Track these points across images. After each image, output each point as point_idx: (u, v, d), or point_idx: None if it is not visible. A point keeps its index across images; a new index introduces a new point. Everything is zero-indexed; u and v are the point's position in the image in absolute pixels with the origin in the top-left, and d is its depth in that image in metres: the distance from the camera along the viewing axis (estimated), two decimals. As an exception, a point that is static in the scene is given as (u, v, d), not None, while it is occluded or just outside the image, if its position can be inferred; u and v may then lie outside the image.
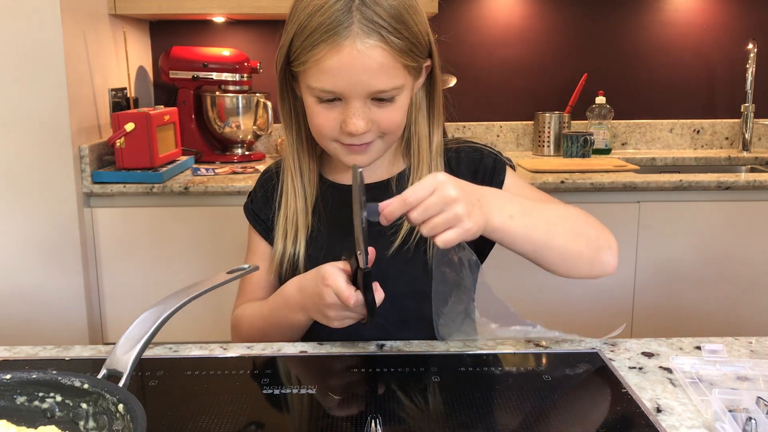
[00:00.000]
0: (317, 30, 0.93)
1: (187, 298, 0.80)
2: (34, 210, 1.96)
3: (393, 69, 0.95)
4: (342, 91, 0.95)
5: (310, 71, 0.97)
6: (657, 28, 2.62)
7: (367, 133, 0.99)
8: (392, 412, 0.80)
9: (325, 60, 0.94)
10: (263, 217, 1.15)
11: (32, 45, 1.89)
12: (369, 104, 0.97)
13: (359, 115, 0.96)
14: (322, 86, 0.96)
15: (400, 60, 0.95)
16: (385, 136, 1.01)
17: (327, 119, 0.99)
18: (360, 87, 0.95)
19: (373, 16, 0.93)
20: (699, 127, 2.68)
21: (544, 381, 0.88)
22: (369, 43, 0.92)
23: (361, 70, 0.93)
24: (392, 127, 1.00)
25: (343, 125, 0.97)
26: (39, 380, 0.69)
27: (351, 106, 0.96)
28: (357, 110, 0.96)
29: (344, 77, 0.94)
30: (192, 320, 2.01)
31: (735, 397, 0.77)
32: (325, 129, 1.00)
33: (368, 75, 0.94)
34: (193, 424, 0.77)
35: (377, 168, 1.11)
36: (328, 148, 1.04)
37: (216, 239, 2.05)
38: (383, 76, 0.94)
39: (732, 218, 2.09)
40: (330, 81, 0.95)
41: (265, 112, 2.42)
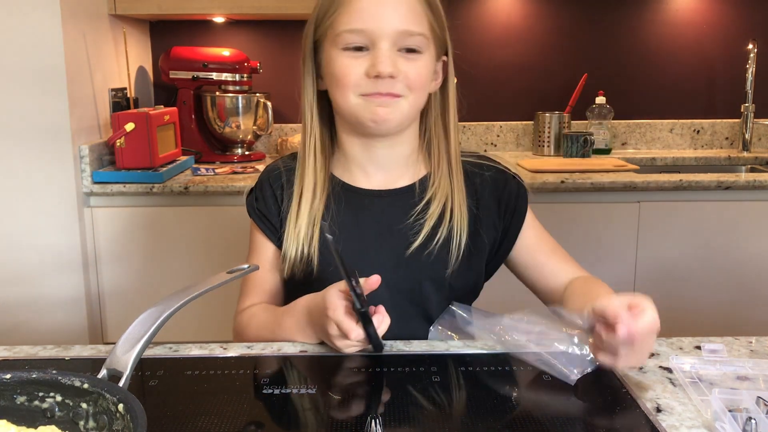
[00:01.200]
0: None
1: (187, 298, 0.81)
2: (34, 210, 1.96)
3: (420, 16, 0.99)
4: (371, 31, 0.97)
5: (340, 18, 0.98)
6: (657, 28, 2.62)
7: (395, 81, 0.99)
8: (392, 412, 0.80)
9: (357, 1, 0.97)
10: (270, 217, 1.13)
11: (32, 45, 1.89)
12: (396, 54, 0.98)
13: (388, 55, 0.97)
14: (352, 26, 0.97)
15: (426, 12, 1.00)
16: (411, 95, 1.01)
17: (352, 66, 0.98)
18: (389, 26, 0.96)
19: None
20: (699, 127, 2.68)
21: (544, 381, 0.88)
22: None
23: (392, 8, 0.96)
24: (418, 81, 1.00)
25: (371, 69, 0.97)
26: (39, 380, 0.69)
27: (379, 49, 0.97)
28: (385, 52, 0.97)
29: (374, 15, 0.96)
30: (192, 320, 2.01)
31: (735, 397, 0.77)
32: (350, 77, 0.99)
33: (399, 12, 0.97)
34: (193, 424, 0.77)
35: (402, 174, 1.11)
36: (349, 105, 1.01)
37: (216, 239, 2.05)
38: (412, 19, 0.98)
39: (732, 218, 2.09)
40: (361, 19, 0.96)
41: (265, 112, 2.42)
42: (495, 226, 1.12)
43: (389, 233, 1.08)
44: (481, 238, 1.11)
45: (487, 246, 1.12)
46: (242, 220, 2.04)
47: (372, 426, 0.75)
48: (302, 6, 2.24)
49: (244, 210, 2.05)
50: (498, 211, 1.12)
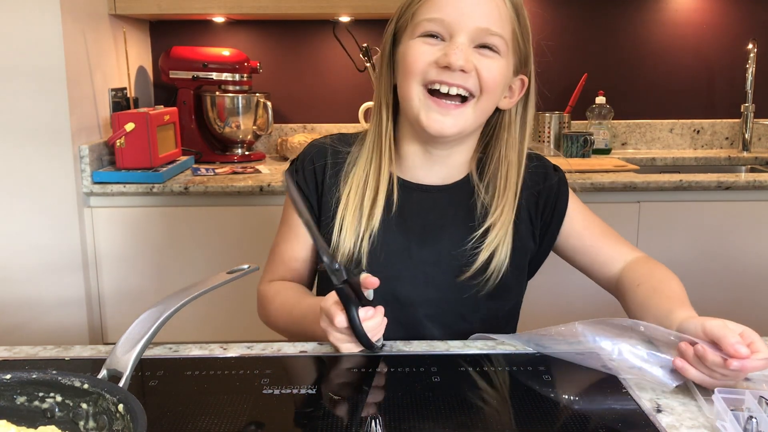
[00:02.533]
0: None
1: (187, 298, 0.80)
2: (34, 210, 1.96)
3: (504, 19, 0.97)
4: (450, 22, 0.95)
5: (420, 9, 0.97)
6: (657, 28, 2.62)
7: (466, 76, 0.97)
8: (392, 412, 0.80)
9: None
10: (308, 194, 1.10)
11: (32, 45, 1.89)
12: (472, 50, 0.97)
13: (463, 49, 0.95)
14: (432, 15, 0.96)
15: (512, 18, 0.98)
16: (479, 97, 0.99)
17: (425, 52, 0.96)
18: (469, 19, 0.95)
19: None
20: (699, 127, 2.68)
21: (544, 381, 0.88)
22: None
23: (475, 2, 0.95)
24: (491, 82, 0.98)
25: (442, 58, 0.95)
26: (39, 380, 0.69)
27: (455, 41, 0.95)
28: (462, 45, 0.95)
29: (456, 6, 0.95)
30: (192, 320, 2.02)
31: (737, 397, 0.77)
32: (420, 62, 0.97)
33: (481, 10, 0.95)
34: (193, 424, 0.77)
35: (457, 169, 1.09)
36: (412, 97, 0.99)
37: (216, 239, 2.05)
38: (495, 19, 0.96)
39: (732, 218, 2.09)
40: (441, 9, 0.95)
41: (265, 112, 2.42)
42: (531, 220, 1.10)
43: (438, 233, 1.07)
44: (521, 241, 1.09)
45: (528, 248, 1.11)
46: (242, 220, 2.05)
47: (372, 426, 0.75)
48: (302, 6, 2.24)
49: (244, 210, 2.06)
50: (537, 205, 1.10)
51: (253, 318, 2.25)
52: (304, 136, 2.47)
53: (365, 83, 2.56)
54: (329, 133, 2.76)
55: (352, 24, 2.55)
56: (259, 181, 2.04)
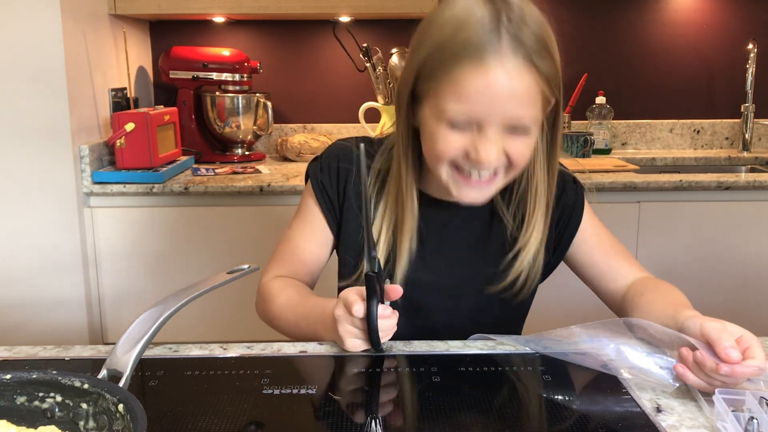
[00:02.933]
0: (460, 47, 0.86)
1: (187, 298, 0.81)
2: (34, 210, 1.96)
3: (535, 97, 0.89)
4: (480, 117, 0.88)
5: (445, 93, 0.88)
6: (657, 28, 2.62)
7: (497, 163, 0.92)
8: (392, 412, 0.80)
9: (466, 80, 0.86)
10: (330, 193, 1.09)
11: (32, 45, 1.89)
12: (502, 133, 0.90)
13: (494, 143, 0.89)
14: (459, 108, 0.87)
15: (542, 87, 0.89)
16: (510, 170, 0.95)
17: (453, 145, 0.90)
18: (501, 113, 0.87)
19: (522, 36, 0.86)
20: (699, 127, 2.68)
21: (544, 381, 0.88)
22: (516, 63, 0.86)
23: (508, 95, 0.86)
24: (521, 160, 0.93)
25: (473, 152, 0.90)
26: (39, 380, 0.69)
27: (486, 133, 0.88)
28: (492, 139, 0.89)
29: (487, 101, 0.86)
30: (192, 320, 2.02)
31: (738, 397, 0.77)
32: (448, 155, 0.91)
33: (513, 100, 0.87)
34: (193, 424, 0.77)
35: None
36: (440, 174, 0.95)
37: (216, 239, 2.05)
38: (525, 103, 0.88)
39: (732, 218, 2.09)
40: (470, 105, 0.87)
41: (265, 112, 2.42)
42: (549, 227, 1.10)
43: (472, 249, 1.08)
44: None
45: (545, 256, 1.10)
46: (242, 220, 2.05)
47: (372, 426, 0.75)
48: (302, 6, 2.24)
49: (244, 210, 2.06)
50: (553, 218, 1.09)
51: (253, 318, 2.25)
52: (304, 136, 2.47)
53: (365, 83, 2.56)
54: (329, 133, 2.77)
55: (352, 24, 2.55)
56: (259, 181, 2.04)
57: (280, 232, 2.15)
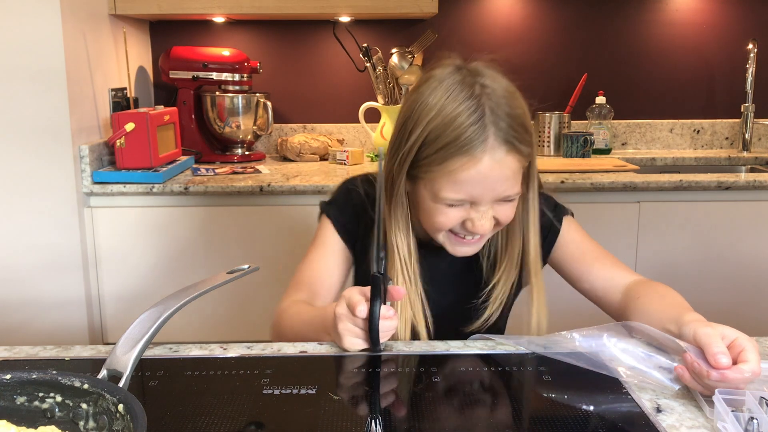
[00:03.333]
0: (452, 144, 0.96)
1: (187, 298, 0.81)
2: (34, 210, 1.96)
3: (518, 174, 1.01)
4: (474, 198, 0.99)
5: (441, 181, 0.99)
6: (657, 28, 2.62)
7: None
8: (392, 412, 0.80)
9: (460, 172, 0.97)
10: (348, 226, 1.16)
11: (32, 45, 1.89)
12: (492, 204, 1.01)
13: (486, 216, 1.01)
14: (455, 196, 0.99)
15: (523, 164, 1.01)
16: (497, 227, 1.06)
17: (450, 219, 1.02)
18: (492, 194, 0.99)
19: (504, 126, 0.97)
20: (699, 127, 2.68)
21: (544, 381, 0.88)
22: (503, 153, 0.96)
23: (497, 179, 0.98)
24: (507, 220, 1.05)
25: (469, 224, 1.01)
26: (39, 380, 0.69)
27: (479, 209, 1.01)
28: (484, 213, 1.01)
29: (479, 187, 0.98)
30: (192, 320, 2.02)
31: (738, 397, 0.77)
32: (447, 227, 1.03)
33: (502, 183, 0.98)
34: (193, 424, 0.77)
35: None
36: (437, 237, 1.07)
37: (216, 239, 2.05)
38: (512, 182, 1.00)
39: (732, 218, 2.09)
40: (464, 191, 0.98)
41: (265, 112, 2.42)
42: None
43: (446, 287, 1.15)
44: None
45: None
46: (242, 220, 2.05)
47: (372, 426, 0.75)
48: (302, 6, 2.24)
49: (244, 210, 2.06)
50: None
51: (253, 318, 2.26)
52: (304, 136, 2.47)
53: (365, 83, 2.56)
54: (329, 133, 2.77)
55: (352, 24, 2.55)
56: (259, 181, 2.04)
57: (280, 232, 2.15)
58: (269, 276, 2.06)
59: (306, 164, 2.40)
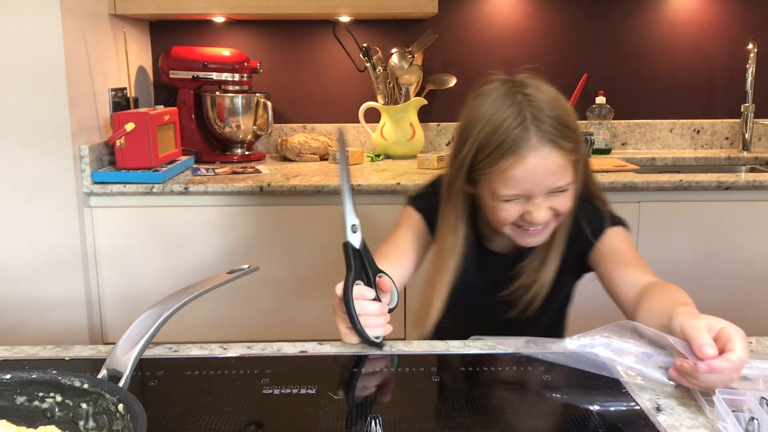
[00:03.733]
0: (500, 147, 1.08)
1: (187, 298, 0.81)
2: (34, 210, 1.96)
3: (566, 167, 1.09)
4: (527, 193, 1.10)
5: (496, 181, 1.10)
6: (657, 28, 2.62)
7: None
8: (392, 412, 0.80)
9: (510, 170, 1.08)
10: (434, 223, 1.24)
11: (32, 45, 1.89)
12: (547, 196, 1.11)
13: (541, 207, 1.11)
14: (510, 192, 1.10)
15: (569, 158, 1.09)
16: (558, 217, 1.14)
17: (510, 213, 1.12)
18: (542, 187, 1.09)
19: (545, 127, 1.07)
20: (699, 127, 2.68)
21: (544, 381, 0.88)
22: (546, 150, 1.07)
23: (543, 174, 1.08)
24: (565, 210, 1.14)
25: (527, 216, 1.11)
26: (39, 380, 0.69)
27: (534, 201, 1.11)
28: (539, 205, 1.11)
29: (529, 182, 1.08)
30: (192, 320, 2.01)
31: (739, 398, 0.77)
32: (509, 220, 1.13)
33: (549, 177, 1.08)
34: (193, 424, 0.77)
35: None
36: (504, 231, 1.16)
37: (216, 239, 2.05)
38: (559, 175, 1.09)
39: (732, 218, 2.09)
40: (517, 186, 1.09)
41: (265, 112, 2.42)
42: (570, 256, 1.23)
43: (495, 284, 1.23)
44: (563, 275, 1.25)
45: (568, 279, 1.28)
46: (242, 220, 2.04)
47: (372, 426, 0.75)
48: (302, 6, 2.24)
49: (243, 210, 2.06)
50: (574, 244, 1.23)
51: (253, 318, 2.26)
52: (304, 136, 2.47)
53: (365, 83, 2.56)
54: (329, 133, 2.77)
55: (352, 24, 2.55)
56: (259, 181, 2.04)
57: (280, 232, 2.15)
58: (269, 276, 2.06)
59: (306, 164, 2.40)
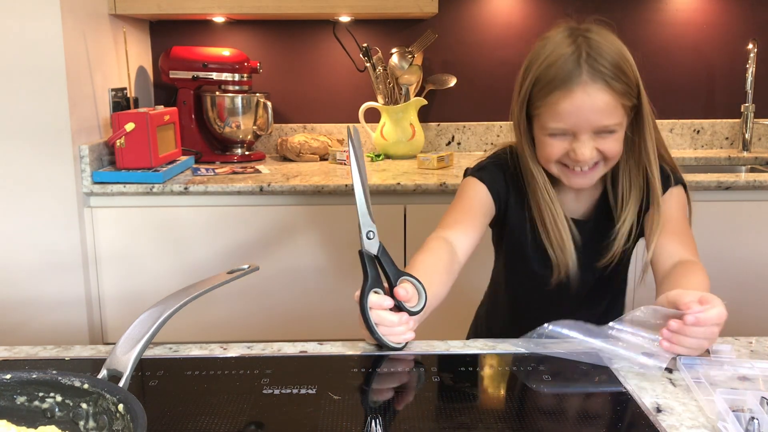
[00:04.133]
0: (553, 80, 1.12)
1: (187, 298, 0.81)
2: (34, 210, 1.96)
3: (614, 108, 1.11)
4: (573, 128, 1.12)
5: (546, 114, 1.13)
6: (657, 28, 2.62)
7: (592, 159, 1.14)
8: (392, 412, 0.80)
9: (559, 104, 1.11)
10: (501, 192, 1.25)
11: (32, 45, 1.89)
12: (593, 137, 1.13)
13: (586, 145, 1.13)
14: (556, 125, 1.13)
15: (619, 100, 1.12)
16: (607, 162, 1.17)
17: (556, 149, 1.15)
18: (588, 124, 1.11)
19: (598, 66, 1.11)
20: (699, 127, 2.68)
21: (544, 381, 0.88)
22: (596, 88, 1.10)
23: (590, 110, 1.10)
24: (612, 153, 1.15)
25: (572, 153, 1.14)
26: (39, 380, 0.69)
27: (579, 139, 1.13)
28: (584, 142, 1.13)
29: (575, 117, 1.11)
30: (192, 320, 2.01)
31: (739, 398, 0.78)
32: (554, 156, 1.16)
33: (595, 114, 1.10)
34: (193, 424, 0.77)
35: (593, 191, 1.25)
36: (552, 170, 1.19)
37: (216, 239, 2.05)
38: (607, 115, 1.11)
39: (732, 218, 2.09)
40: (563, 120, 1.12)
41: (265, 112, 2.42)
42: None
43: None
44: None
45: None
46: (242, 220, 2.04)
47: (372, 426, 0.75)
48: (302, 6, 2.24)
49: (243, 210, 2.06)
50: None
51: (253, 318, 2.26)
52: (304, 136, 2.47)
53: (365, 83, 2.56)
54: (329, 133, 2.77)
55: (352, 24, 2.55)
56: (259, 181, 2.04)
57: (280, 232, 2.15)
58: (269, 276, 2.06)
59: (306, 164, 2.40)
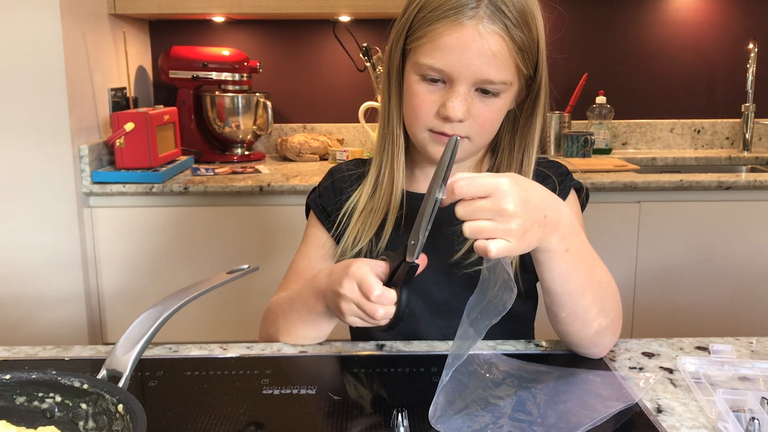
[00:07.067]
0: (443, 5, 0.92)
1: (187, 298, 0.80)
2: (34, 210, 1.96)
3: (506, 62, 0.93)
4: (451, 72, 0.92)
5: (423, 47, 0.94)
6: (657, 28, 2.62)
7: (463, 123, 0.95)
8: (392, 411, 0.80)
9: (442, 36, 0.91)
10: (330, 210, 1.10)
11: (32, 45, 1.89)
12: (472, 94, 0.94)
13: (461, 100, 0.93)
14: (433, 62, 0.93)
15: (514, 56, 0.93)
16: (475, 137, 0.98)
17: (426, 101, 0.95)
18: (470, 71, 0.92)
19: (501, 5, 0.91)
20: (699, 127, 2.68)
21: (544, 381, 0.88)
22: (491, 28, 0.91)
23: (477, 53, 0.91)
24: (487, 125, 0.97)
25: (442, 108, 0.94)
26: (39, 380, 0.69)
27: (455, 89, 0.93)
28: (460, 95, 0.93)
29: (458, 57, 0.91)
30: (192, 320, 2.01)
31: (740, 398, 0.77)
32: (422, 111, 0.96)
33: (482, 60, 0.91)
34: (193, 424, 0.77)
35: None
36: (416, 136, 1.00)
37: (216, 239, 2.05)
38: (495, 66, 0.92)
39: (732, 218, 2.09)
40: (442, 58, 0.92)
41: (264, 112, 2.42)
42: None
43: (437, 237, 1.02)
44: None
45: None
46: (242, 220, 2.04)
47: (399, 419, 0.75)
48: (302, 6, 2.24)
49: (243, 210, 2.06)
50: None
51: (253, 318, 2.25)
52: (304, 136, 2.47)
53: (365, 83, 2.56)
54: (329, 133, 2.77)
55: (352, 24, 2.55)
56: (259, 181, 2.04)
57: (280, 232, 2.15)
58: (269, 276, 2.06)
59: (306, 164, 2.40)
